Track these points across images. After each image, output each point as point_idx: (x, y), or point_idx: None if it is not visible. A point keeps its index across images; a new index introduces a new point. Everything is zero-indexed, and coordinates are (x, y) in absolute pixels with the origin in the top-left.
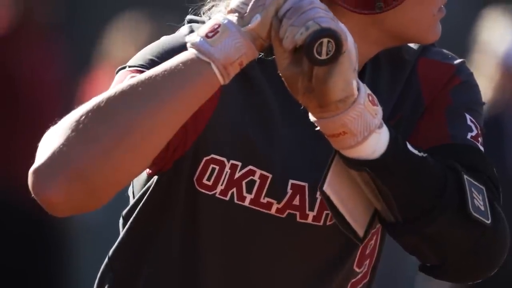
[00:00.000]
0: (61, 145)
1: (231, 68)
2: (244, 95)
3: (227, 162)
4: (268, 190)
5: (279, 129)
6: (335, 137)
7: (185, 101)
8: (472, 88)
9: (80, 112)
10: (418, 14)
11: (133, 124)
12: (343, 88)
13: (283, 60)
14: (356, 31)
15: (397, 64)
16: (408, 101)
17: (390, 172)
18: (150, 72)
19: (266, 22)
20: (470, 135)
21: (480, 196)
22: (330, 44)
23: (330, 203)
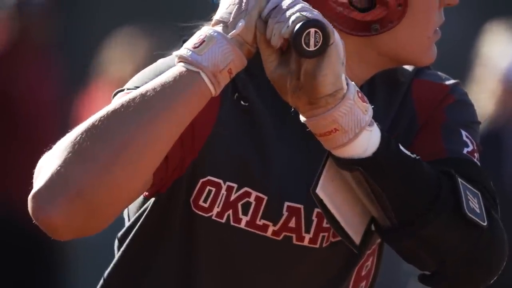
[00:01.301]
0: (59, 167)
1: (221, 76)
2: (240, 117)
3: (224, 184)
4: (264, 212)
5: (274, 150)
6: (327, 136)
7: (178, 113)
8: (467, 107)
9: (75, 133)
10: (413, 37)
11: (129, 140)
12: (332, 81)
13: (271, 62)
14: (353, 53)
15: (392, 86)
16: (403, 122)
17: (383, 171)
18: (141, 89)
19: (250, 25)
20: (466, 150)
21: (475, 200)
22: (318, 35)
23: (324, 207)
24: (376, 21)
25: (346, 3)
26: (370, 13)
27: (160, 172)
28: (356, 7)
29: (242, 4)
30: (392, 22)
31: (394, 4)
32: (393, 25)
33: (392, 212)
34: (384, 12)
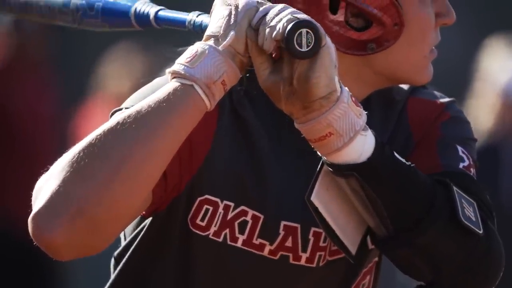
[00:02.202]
0: (58, 186)
1: (215, 88)
2: (237, 136)
3: (221, 202)
4: (261, 231)
5: (270, 170)
6: (322, 141)
7: (174, 128)
8: (462, 123)
9: (72, 153)
10: (409, 56)
11: (126, 156)
12: (326, 83)
13: (263, 71)
14: (349, 72)
15: (388, 105)
16: (399, 140)
17: (378, 177)
18: (136, 106)
19: (241, 35)
20: (462, 165)
21: (470, 208)
22: (310, 36)
23: (319, 216)
24: (373, 40)
25: (342, 22)
26: (366, 32)
27: (159, 190)
28: (352, 26)
29: (231, 16)
30: (389, 41)
31: (390, 24)
32: (389, 44)
33: (387, 219)
34: (380, 32)
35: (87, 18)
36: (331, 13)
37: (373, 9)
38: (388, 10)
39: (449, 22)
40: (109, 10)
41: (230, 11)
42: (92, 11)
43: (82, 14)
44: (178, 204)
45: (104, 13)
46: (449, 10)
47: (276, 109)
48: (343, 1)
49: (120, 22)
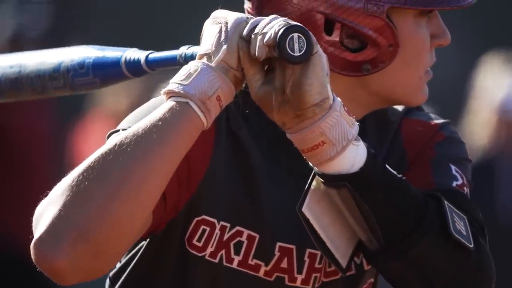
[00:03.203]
0: (59, 211)
1: (210, 104)
2: (233, 156)
3: (217, 223)
4: (256, 251)
5: (266, 191)
6: (314, 150)
7: (172, 145)
8: (457, 143)
9: (71, 177)
10: (404, 77)
11: (126, 176)
12: (318, 90)
13: (255, 82)
14: (344, 93)
15: (383, 125)
16: (393, 160)
17: (370, 187)
18: (133, 127)
19: (232, 50)
20: (455, 184)
21: (461, 223)
22: (301, 40)
23: (310, 228)
24: (368, 61)
25: (337, 43)
26: (361, 53)
27: (159, 211)
28: (347, 47)
29: (221, 33)
30: (384, 62)
31: (385, 45)
32: (385, 65)
33: (378, 232)
34: (375, 53)
35: (78, 77)
36: (326, 34)
37: (368, 30)
38: (383, 31)
39: (444, 43)
40: (99, 64)
41: (220, 28)
42: (83, 69)
43: (73, 74)
44: (176, 224)
45: (95, 68)
46: (444, 31)
47: (271, 130)
48: (338, 22)
49: (112, 74)
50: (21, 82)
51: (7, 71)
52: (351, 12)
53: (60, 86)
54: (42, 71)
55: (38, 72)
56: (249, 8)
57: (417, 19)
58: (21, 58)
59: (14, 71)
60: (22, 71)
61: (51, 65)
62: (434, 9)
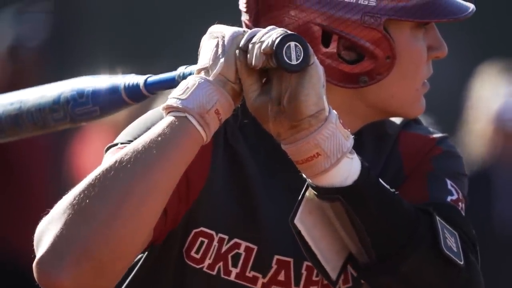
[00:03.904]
0: (60, 229)
1: (209, 117)
2: (231, 169)
3: (216, 235)
4: (254, 263)
5: (263, 204)
6: (308, 162)
7: (172, 161)
8: (454, 158)
9: (72, 195)
10: (401, 89)
11: (127, 193)
12: (314, 101)
13: (252, 93)
14: (341, 105)
15: (380, 138)
16: (390, 173)
17: (363, 201)
18: (133, 143)
19: (230, 62)
20: (450, 198)
21: (452, 239)
22: (298, 49)
23: (302, 239)
24: (365, 73)
25: (334, 55)
26: (358, 65)
27: (159, 225)
28: (344, 59)
29: (218, 47)
30: (381, 74)
31: (382, 57)
32: (382, 77)
33: (370, 245)
34: (372, 65)
35: (78, 107)
36: (323, 46)
37: (365, 42)
38: (380, 43)
39: (441, 55)
40: (98, 92)
41: (217, 42)
42: (82, 98)
43: (73, 104)
44: (175, 235)
45: (94, 96)
46: (441, 43)
47: (268, 142)
48: (335, 34)
49: (112, 101)
50: (21, 118)
51: (8, 108)
52: (348, 24)
53: (60, 118)
54: (42, 105)
55: (39, 106)
56: (246, 20)
57: (414, 31)
58: (22, 95)
59: (14, 108)
60: (22, 107)
61: (51, 98)
62: (431, 21)
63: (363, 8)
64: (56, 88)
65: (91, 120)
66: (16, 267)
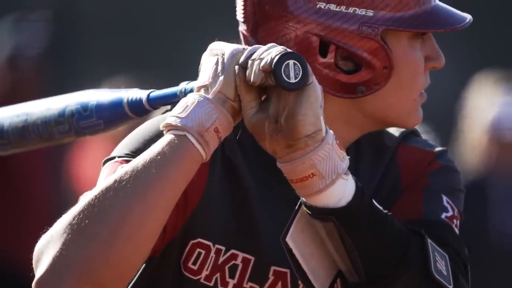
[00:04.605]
0: (60, 249)
1: (208, 136)
2: (228, 181)
3: (213, 246)
4: (251, 274)
5: (260, 217)
6: (303, 182)
7: (171, 180)
8: (452, 173)
9: (71, 214)
10: (399, 99)
11: (126, 214)
12: (312, 121)
13: (250, 109)
14: (339, 115)
15: (379, 150)
16: (387, 186)
17: (356, 223)
18: (132, 162)
19: (229, 80)
20: (445, 215)
21: (443, 262)
22: (297, 68)
23: (292, 256)
24: (362, 83)
25: (332, 65)
26: (356, 75)
27: (158, 241)
28: (342, 69)
29: (218, 64)
30: (378, 84)
31: (380, 67)
32: (379, 87)
33: (360, 265)
34: (369, 75)
35: (82, 120)
36: (321, 56)
37: (362, 52)
38: (378, 53)
39: (439, 66)
40: (102, 106)
41: (217, 59)
42: (86, 111)
43: (77, 117)
44: (172, 247)
45: (98, 110)
46: (438, 54)
47: (266, 155)
48: (332, 44)
49: (115, 115)
50: (27, 130)
51: (14, 120)
52: (346, 34)
53: (65, 131)
54: (48, 117)
55: (44, 119)
56: (244, 30)
57: (411, 42)
58: (27, 107)
59: (20, 120)
60: (28, 119)
61: (56, 111)
62: (428, 31)
63: (361, 18)
64: (61, 101)
65: (96, 133)
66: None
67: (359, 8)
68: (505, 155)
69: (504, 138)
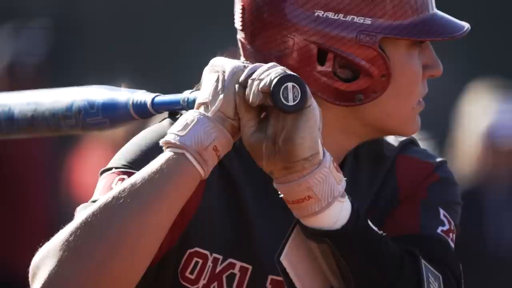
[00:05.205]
0: (56, 266)
1: (206, 155)
2: (224, 189)
3: (210, 255)
4: (248, 283)
5: (256, 224)
6: (299, 203)
7: (169, 199)
8: (450, 186)
9: (68, 230)
10: (397, 107)
11: (123, 233)
12: (310, 144)
13: (249, 128)
14: (337, 123)
15: (377, 159)
16: (385, 196)
17: (350, 245)
18: (130, 179)
19: (229, 99)
20: (441, 229)
21: (436, 283)
22: (296, 90)
23: (286, 276)
24: (360, 91)
25: (330, 73)
26: (354, 83)
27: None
28: (340, 77)
29: (219, 82)
30: (376, 92)
31: (378, 75)
32: (377, 95)
33: (353, 286)
34: (368, 83)
35: (89, 117)
36: (319, 64)
37: (360, 60)
38: (376, 62)
39: (437, 74)
40: (108, 105)
41: (217, 77)
42: (93, 109)
43: (84, 114)
44: (169, 257)
45: (104, 109)
46: (436, 62)
47: None
48: (330, 53)
49: (120, 115)
50: (36, 120)
51: (24, 108)
52: (344, 42)
53: (72, 125)
54: (56, 110)
55: (53, 111)
56: (242, 38)
57: (410, 50)
58: (37, 96)
59: (30, 108)
60: (37, 109)
61: (64, 105)
62: (427, 39)
63: (359, 26)
64: (69, 94)
65: (102, 130)
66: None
67: (357, 16)
68: (500, 163)
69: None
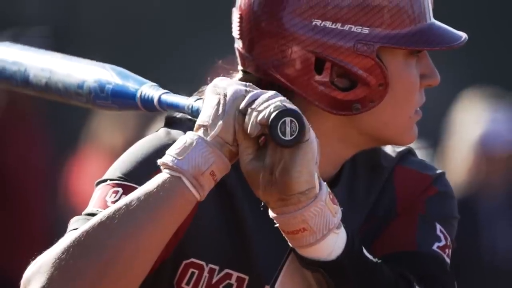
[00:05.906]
0: (45, 284)
1: (203, 179)
2: (220, 201)
3: (206, 266)
4: None
5: (252, 235)
6: (294, 234)
7: (163, 222)
8: (448, 200)
9: (61, 247)
10: (394, 116)
11: (115, 255)
12: (306, 179)
13: (247, 155)
14: (334, 132)
15: (375, 170)
16: (382, 207)
17: (345, 275)
18: (126, 199)
19: (229, 125)
20: (437, 245)
21: None
22: (294, 125)
23: None
24: (357, 100)
25: (327, 82)
26: (351, 92)
27: None
28: (337, 86)
29: (219, 106)
30: (373, 101)
31: (375, 84)
32: (374, 104)
33: None
34: (365, 92)
35: (98, 100)
36: (316, 73)
37: (358, 69)
38: (373, 71)
39: (434, 84)
40: (117, 93)
41: (219, 100)
42: (103, 93)
43: (94, 96)
44: (165, 268)
45: (113, 96)
46: (434, 71)
47: None
48: (328, 62)
49: (127, 104)
50: (49, 87)
51: (39, 73)
52: (341, 51)
53: (83, 101)
54: (68, 84)
55: (65, 84)
56: (239, 47)
57: (407, 59)
58: (52, 63)
59: (44, 75)
60: (51, 77)
61: (76, 81)
62: (424, 49)
63: (356, 36)
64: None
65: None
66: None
67: (354, 26)
68: (494, 171)
69: (492, 154)
